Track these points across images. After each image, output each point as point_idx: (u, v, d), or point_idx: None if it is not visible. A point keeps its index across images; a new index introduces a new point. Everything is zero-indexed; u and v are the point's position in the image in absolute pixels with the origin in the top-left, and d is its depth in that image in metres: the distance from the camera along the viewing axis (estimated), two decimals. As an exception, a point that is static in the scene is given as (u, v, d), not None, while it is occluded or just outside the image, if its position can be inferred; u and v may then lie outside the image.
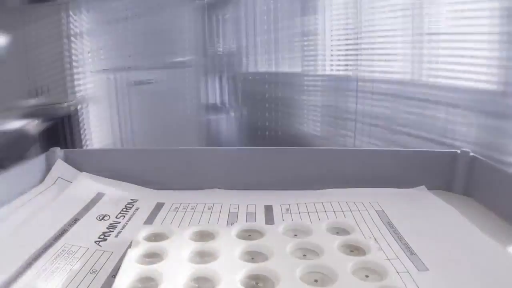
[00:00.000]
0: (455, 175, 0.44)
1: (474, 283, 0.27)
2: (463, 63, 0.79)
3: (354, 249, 0.30)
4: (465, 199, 0.43)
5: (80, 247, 0.31)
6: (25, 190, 0.41)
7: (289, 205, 0.40)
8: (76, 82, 1.13)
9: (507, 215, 0.37)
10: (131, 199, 0.42)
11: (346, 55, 1.10)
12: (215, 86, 1.27)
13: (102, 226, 0.35)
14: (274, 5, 1.18)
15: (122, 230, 0.35)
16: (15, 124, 1.04)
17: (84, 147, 1.12)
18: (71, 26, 1.10)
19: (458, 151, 0.44)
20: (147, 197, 0.42)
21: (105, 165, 0.46)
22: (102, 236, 0.34)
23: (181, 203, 0.41)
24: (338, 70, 1.14)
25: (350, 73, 1.07)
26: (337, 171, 0.45)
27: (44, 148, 0.47)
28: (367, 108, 1.03)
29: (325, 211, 0.39)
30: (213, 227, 0.33)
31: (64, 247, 0.31)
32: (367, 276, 0.27)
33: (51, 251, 0.30)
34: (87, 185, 0.44)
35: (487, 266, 0.29)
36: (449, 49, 0.83)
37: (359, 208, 0.39)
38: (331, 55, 1.14)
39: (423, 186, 0.44)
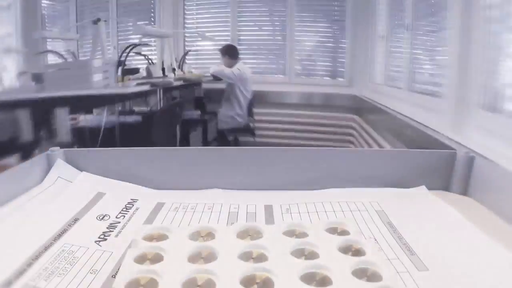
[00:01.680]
0: (455, 175, 0.44)
1: (474, 283, 0.27)
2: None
3: (354, 249, 0.30)
4: (464, 199, 0.43)
5: (80, 247, 0.31)
6: (25, 190, 0.41)
7: (289, 205, 0.40)
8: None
9: (506, 215, 0.37)
10: (131, 199, 0.42)
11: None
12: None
13: (102, 226, 0.35)
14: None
15: (122, 230, 0.35)
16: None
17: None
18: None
19: (458, 151, 0.44)
20: (147, 197, 0.42)
21: (105, 165, 0.46)
22: (102, 236, 0.34)
23: (181, 203, 0.41)
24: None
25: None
26: (337, 171, 0.45)
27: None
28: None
29: (325, 211, 0.39)
30: (213, 227, 0.33)
31: (64, 247, 0.31)
32: (367, 276, 0.27)
33: (51, 251, 0.30)
34: (87, 185, 0.44)
35: (487, 266, 0.29)
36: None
37: (359, 208, 0.39)
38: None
39: (423, 186, 0.44)
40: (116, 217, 0.37)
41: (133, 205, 0.40)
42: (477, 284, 0.27)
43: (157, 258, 0.29)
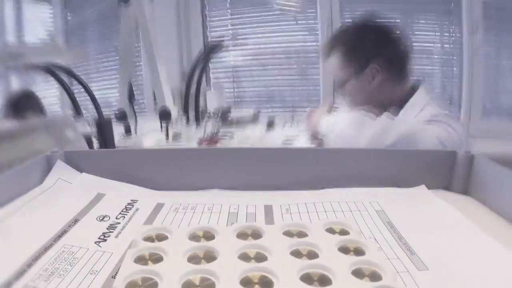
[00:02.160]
0: (455, 175, 0.44)
1: (474, 283, 0.27)
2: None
3: (353, 249, 0.30)
4: (464, 198, 0.43)
5: (80, 247, 0.31)
6: (25, 191, 0.41)
7: (289, 205, 0.40)
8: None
9: (507, 214, 0.37)
10: (131, 200, 0.42)
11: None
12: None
13: (102, 227, 0.35)
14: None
15: (122, 231, 0.35)
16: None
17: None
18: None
19: (458, 151, 0.44)
20: (147, 198, 0.42)
21: (105, 166, 0.46)
22: (102, 237, 0.34)
23: (181, 204, 0.41)
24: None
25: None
26: (337, 171, 0.45)
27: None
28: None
29: (325, 211, 0.39)
30: (213, 227, 0.33)
31: (64, 248, 0.31)
32: (366, 276, 0.27)
33: (51, 252, 0.30)
34: (87, 185, 0.44)
35: (487, 266, 0.29)
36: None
37: (359, 208, 0.39)
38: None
39: (423, 186, 0.44)
40: (116, 218, 0.37)
41: (133, 206, 0.40)
42: (477, 283, 0.27)
43: (157, 259, 0.29)
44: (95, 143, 0.98)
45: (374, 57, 0.90)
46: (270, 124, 1.35)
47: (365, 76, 0.91)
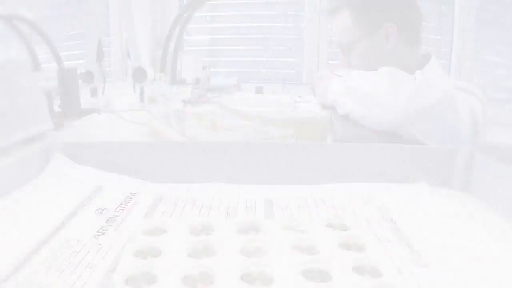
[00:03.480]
0: (455, 171, 0.44)
1: (474, 279, 0.27)
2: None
3: (354, 245, 0.30)
4: (464, 195, 0.43)
5: (79, 241, 0.31)
6: (23, 184, 0.41)
7: (289, 199, 0.40)
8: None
9: (506, 211, 0.37)
10: (130, 193, 0.41)
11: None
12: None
13: (101, 220, 0.35)
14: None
15: (121, 224, 0.35)
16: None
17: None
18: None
19: (458, 147, 0.44)
20: (146, 191, 0.42)
21: (104, 158, 0.46)
22: (101, 230, 0.33)
23: (180, 197, 0.41)
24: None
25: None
26: (337, 166, 0.45)
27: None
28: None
29: (326, 206, 0.38)
30: (212, 221, 0.33)
31: (63, 241, 0.31)
32: (367, 272, 0.26)
33: (49, 245, 0.30)
34: (86, 178, 0.43)
35: (487, 262, 0.29)
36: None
37: (359, 203, 0.39)
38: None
39: (424, 182, 0.44)
40: (115, 211, 0.37)
41: (132, 199, 0.40)
42: (477, 280, 0.27)
43: (156, 253, 0.28)
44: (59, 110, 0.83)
45: (391, 14, 0.81)
46: (259, 91, 1.22)
47: (380, 36, 0.81)
